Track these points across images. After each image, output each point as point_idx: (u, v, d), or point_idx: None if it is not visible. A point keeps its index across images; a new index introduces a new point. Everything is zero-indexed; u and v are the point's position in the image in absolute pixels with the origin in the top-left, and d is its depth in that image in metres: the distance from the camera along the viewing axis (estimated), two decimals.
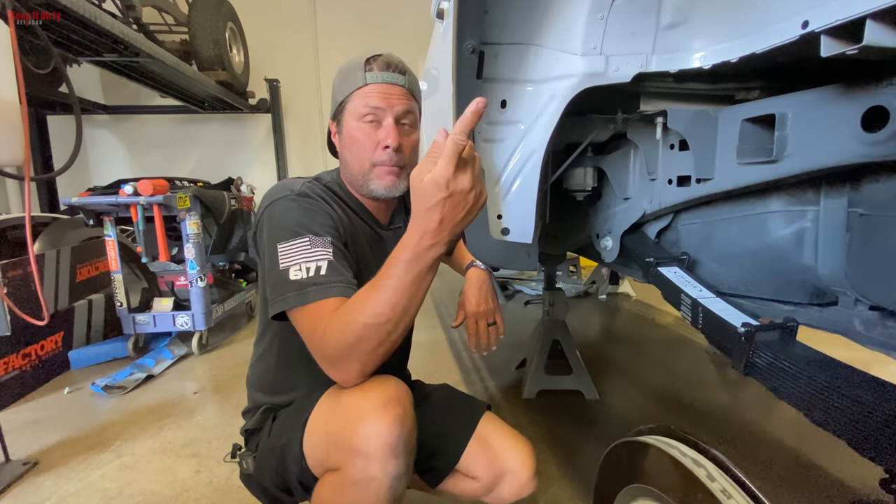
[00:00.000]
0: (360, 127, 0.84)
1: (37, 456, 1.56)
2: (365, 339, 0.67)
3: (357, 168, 0.86)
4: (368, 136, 0.83)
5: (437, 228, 0.63)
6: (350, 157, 0.87)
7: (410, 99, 0.86)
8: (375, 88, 0.82)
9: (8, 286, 1.85)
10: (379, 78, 0.82)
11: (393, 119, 0.83)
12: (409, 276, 0.65)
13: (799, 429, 1.60)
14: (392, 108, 0.83)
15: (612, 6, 0.73)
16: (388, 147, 0.82)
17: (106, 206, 2.17)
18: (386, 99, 0.82)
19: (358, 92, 0.83)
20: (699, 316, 0.78)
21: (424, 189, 0.61)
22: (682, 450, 0.59)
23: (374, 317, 0.66)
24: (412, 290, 0.66)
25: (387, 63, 0.84)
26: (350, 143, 0.86)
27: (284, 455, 0.81)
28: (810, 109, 0.67)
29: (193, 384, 2.13)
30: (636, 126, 0.99)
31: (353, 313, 0.68)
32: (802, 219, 0.81)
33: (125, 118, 5.12)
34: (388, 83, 0.83)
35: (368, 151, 0.84)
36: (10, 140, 1.20)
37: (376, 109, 0.82)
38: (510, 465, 0.89)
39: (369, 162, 0.84)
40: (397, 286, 0.66)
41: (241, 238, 3.33)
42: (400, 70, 0.85)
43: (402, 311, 0.67)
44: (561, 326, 1.93)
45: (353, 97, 0.84)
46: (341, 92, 0.86)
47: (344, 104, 0.86)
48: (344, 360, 0.70)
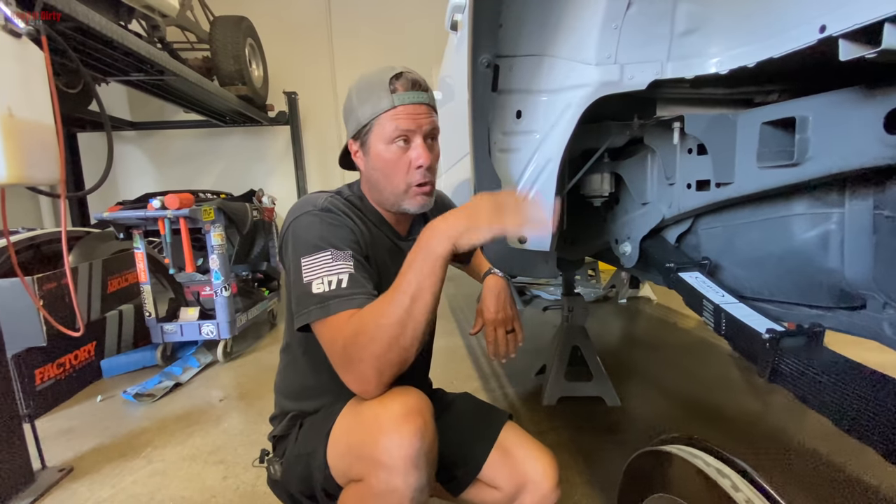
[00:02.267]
0: (390, 150, 0.84)
1: (72, 462, 1.61)
2: (377, 340, 0.69)
3: (390, 189, 0.87)
4: (401, 159, 0.84)
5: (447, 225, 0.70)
6: (381, 178, 0.87)
7: (433, 114, 0.87)
8: (404, 111, 0.82)
9: (43, 298, 1.93)
10: (406, 99, 0.82)
11: (422, 139, 0.84)
12: (414, 275, 0.70)
13: (826, 436, 1.55)
14: (421, 128, 0.84)
15: (626, 15, 0.74)
16: (422, 167, 0.84)
17: (135, 220, 2.25)
18: (415, 120, 0.83)
19: (385, 115, 0.83)
20: (722, 322, 0.78)
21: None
22: (707, 460, 0.59)
23: (383, 316, 0.69)
24: (418, 290, 0.70)
25: (411, 82, 0.83)
26: (381, 166, 0.86)
27: (309, 463, 0.83)
28: (831, 112, 0.67)
29: (219, 392, 2.18)
30: (653, 131, 0.99)
31: (365, 316, 0.71)
32: (827, 221, 0.79)
33: (150, 133, 5.30)
34: (416, 103, 0.83)
35: (402, 173, 0.85)
36: (47, 160, 1.26)
37: (407, 132, 0.83)
38: (532, 476, 0.89)
39: (404, 184, 0.86)
40: (402, 286, 0.70)
41: (262, 247, 3.40)
42: (423, 88, 0.85)
43: (407, 309, 0.69)
44: (581, 332, 1.92)
45: (381, 120, 0.83)
46: (365, 114, 0.85)
47: (370, 126, 0.85)
48: (360, 366, 0.71)
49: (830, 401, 0.62)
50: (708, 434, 1.66)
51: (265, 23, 4.61)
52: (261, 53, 4.53)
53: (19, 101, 1.20)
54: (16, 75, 1.21)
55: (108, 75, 2.98)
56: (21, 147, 1.17)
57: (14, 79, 1.20)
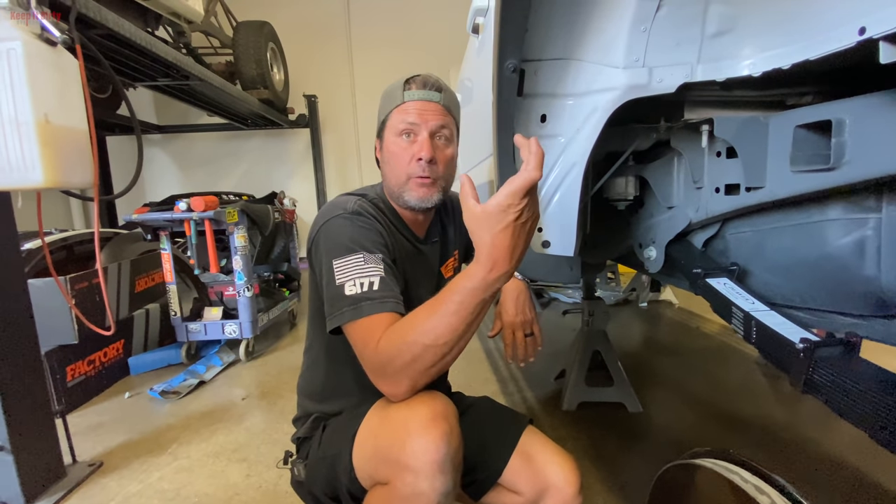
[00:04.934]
0: (397, 142, 0.89)
1: (101, 457, 1.66)
2: (421, 359, 0.70)
3: (394, 180, 0.91)
4: (405, 150, 0.88)
5: (508, 256, 0.65)
6: (388, 170, 0.92)
7: (446, 115, 0.90)
8: (412, 105, 0.87)
9: (75, 297, 2.00)
10: (416, 95, 0.88)
11: (428, 133, 0.87)
12: (472, 302, 0.68)
13: (860, 447, 1.50)
14: (427, 123, 0.87)
15: (656, 18, 0.73)
16: (422, 159, 0.86)
17: (162, 222, 2.31)
18: (421, 115, 0.87)
19: (396, 109, 0.89)
20: (752, 330, 0.76)
21: (490, 214, 0.64)
22: (743, 475, 0.57)
23: (433, 339, 0.68)
24: (473, 317, 0.69)
25: (424, 82, 0.89)
26: (388, 158, 0.91)
27: (334, 465, 0.83)
28: (870, 115, 0.65)
29: (241, 390, 2.22)
30: (680, 134, 0.97)
31: (411, 333, 0.70)
32: (863, 227, 0.77)
33: (175, 137, 5.43)
34: (424, 100, 0.88)
35: (404, 164, 0.88)
36: (81, 164, 1.30)
37: (412, 125, 0.87)
38: (554, 481, 0.88)
39: (405, 174, 0.89)
40: (460, 312, 0.68)
41: (282, 248, 3.45)
42: (436, 88, 0.89)
43: (460, 335, 0.69)
44: (601, 336, 1.90)
45: (393, 115, 0.90)
46: (383, 111, 0.93)
47: (385, 122, 0.92)
48: (397, 376, 0.72)
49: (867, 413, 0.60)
50: (734, 444, 1.62)
51: (286, 27, 4.69)
52: (282, 57, 4.60)
53: (55, 108, 1.24)
54: (52, 83, 1.26)
55: (136, 81, 3.06)
56: (57, 152, 1.21)
57: (50, 86, 1.25)
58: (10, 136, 1.14)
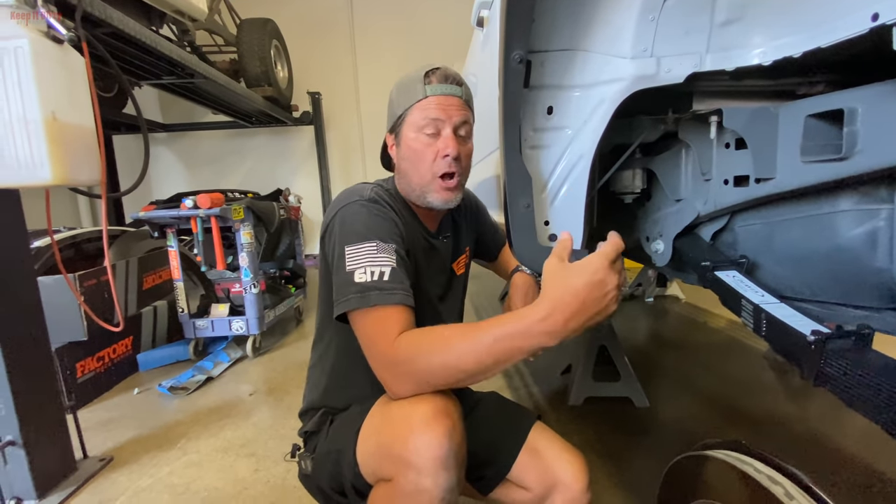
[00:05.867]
0: (419, 138, 0.86)
1: (111, 452, 1.68)
2: (435, 375, 0.70)
3: (416, 179, 0.89)
4: (428, 147, 0.86)
5: (570, 313, 0.63)
6: (410, 168, 0.89)
7: (467, 109, 0.88)
8: (435, 100, 0.85)
9: (84, 294, 2.01)
10: (438, 90, 0.85)
11: (451, 129, 0.86)
12: (509, 345, 0.66)
13: (870, 439, 1.49)
14: (451, 118, 0.85)
15: (664, 7, 0.72)
16: (448, 156, 0.85)
17: (169, 219, 2.32)
18: (445, 110, 0.85)
19: (418, 105, 0.86)
20: (762, 323, 0.75)
21: (577, 267, 0.64)
22: (757, 466, 0.57)
23: (455, 362, 0.68)
24: (504, 359, 0.67)
25: (445, 75, 0.86)
26: (410, 155, 0.88)
27: (339, 461, 0.84)
28: (883, 103, 0.63)
29: (248, 386, 2.23)
30: (688, 125, 0.96)
31: (437, 348, 0.70)
32: (875, 218, 0.76)
33: (180, 135, 5.46)
34: (447, 94, 0.85)
35: (428, 162, 0.86)
36: (89, 162, 1.31)
37: (436, 121, 0.85)
38: (562, 477, 0.88)
39: (430, 173, 0.87)
40: (493, 349, 0.66)
41: (288, 245, 3.47)
42: (457, 82, 0.87)
43: (482, 371, 0.68)
44: (608, 331, 1.89)
45: (413, 110, 0.86)
46: (400, 105, 0.88)
47: (403, 117, 0.88)
48: (405, 379, 0.72)
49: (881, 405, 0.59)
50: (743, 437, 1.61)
51: (289, 24, 4.69)
52: (285, 55, 4.60)
53: (62, 106, 1.25)
54: (59, 80, 1.26)
55: (141, 79, 3.08)
56: (65, 150, 1.21)
57: (57, 84, 1.25)
58: (18, 134, 1.15)
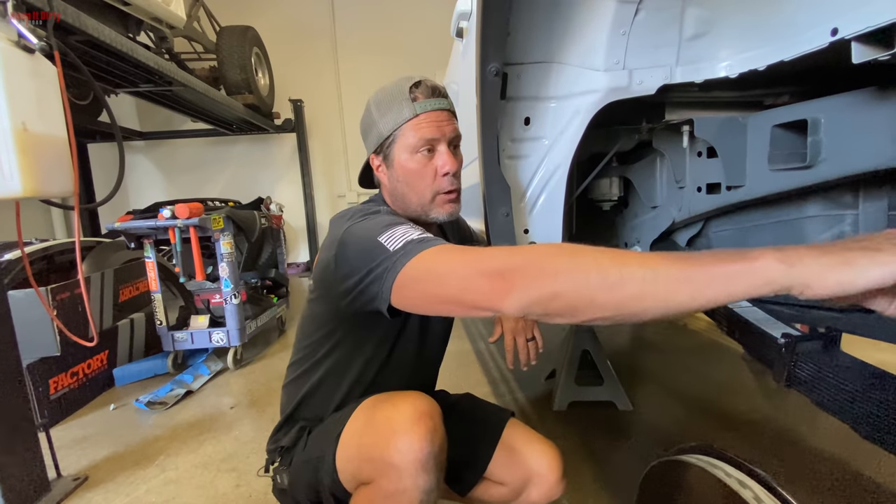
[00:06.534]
0: (415, 159, 0.82)
1: (86, 471, 1.62)
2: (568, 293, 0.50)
3: (416, 199, 0.85)
4: (426, 167, 0.82)
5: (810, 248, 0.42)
6: (406, 189, 0.85)
7: (455, 120, 0.85)
8: (425, 118, 0.81)
9: (57, 308, 1.95)
10: (428, 106, 0.81)
11: (446, 145, 0.83)
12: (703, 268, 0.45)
13: (845, 439, 1.53)
14: (445, 135, 0.82)
15: (634, 21, 0.74)
16: (448, 173, 0.82)
17: (146, 230, 2.28)
18: (439, 128, 0.81)
19: (408, 125, 0.81)
20: (736, 326, 0.77)
21: None
22: (727, 470, 0.58)
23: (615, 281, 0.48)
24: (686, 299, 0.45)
25: (430, 89, 0.82)
26: (406, 177, 0.84)
27: (318, 468, 0.83)
28: (844, 113, 0.66)
29: (230, 399, 2.19)
30: (662, 135, 0.99)
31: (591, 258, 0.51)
32: (841, 223, 0.79)
33: (159, 143, 5.36)
34: (437, 110, 0.81)
35: (428, 182, 0.83)
36: (61, 173, 1.28)
37: (431, 141, 0.81)
38: (537, 469, 0.90)
39: (430, 192, 0.83)
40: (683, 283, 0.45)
41: (270, 254, 3.42)
42: (443, 94, 0.84)
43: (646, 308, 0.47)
44: (590, 336, 1.91)
45: (404, 130, 0.81)
46: (386, 126, 0.83)
47: (392, 138, 0.83)
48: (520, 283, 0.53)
49: (848, 406, 0.61)
50: (721, 439, 1.64)
51: (270, 32, 4.67)
52: (266, 62, 4.57)
53: (33, 116, 1.22)
54: (29, 90, 1.23)
55: (117, 87, 3.02)
56: (36, 161, 1.18)
57: (28, 94, 1.22)
58: None
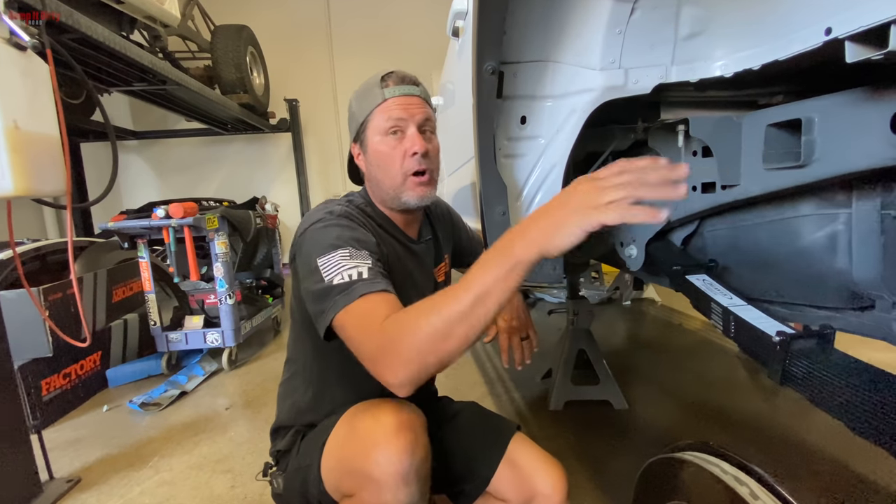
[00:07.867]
0: (385, 141, 0.85)
1: (79, 473, 1.61)
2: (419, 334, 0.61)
3: (388, 182, 0.87)
4: (395, 149, 0.85)
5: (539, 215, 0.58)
6: (379, 172, 0.88)
7: (427, 107, 0.88)
8: (394, 102, 0.84)
9: (49, 309, 1.94)
10: (396, 92, 0.84)
11: (416, 127, 0.85)
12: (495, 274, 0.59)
13: (840, 437, 1.54)
14: (413, 117, 0.85)
15: (630, 20, 0.74)
16: (416, 153, 0.84)
17: (139, 230, 2.26)
18: (406, 109, 0.84)
19: (378, 109, 0.85)
20: (731, 324, 0.77)
21: None
22: (724, 466, 0.58)
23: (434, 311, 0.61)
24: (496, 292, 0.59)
25: (401, 77, 0.86)
26: (378, 159, 0.87)
27: (306, 477, 0.82)
28: (838, 113, 0.67)
29: (225, 400, 2.18)
30: (657, 134, 0.99)
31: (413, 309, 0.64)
32: (834, 222, 0.79)
33: (153, 142, 5.33)
34: (406, 95, 0.85)
35: (397, 162, 0.85)
36: (53, 172, 1.27)
37: (399, 121, 0.84)
38: (541, 489, 0.87)
39: (401, 174, 0.85)
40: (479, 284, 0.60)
41: (265, 254, 3.41)
42: (414, 82, 0.88)
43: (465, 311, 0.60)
44: (586, 335, 1.91)
45: (374, 115, 0.86)
46: (361, 112, 0.88)
47: (365, 124, 0.87)
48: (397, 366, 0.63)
49: (843, 403, 0.61)
50: (718, 437, 1.65)
51: (266, 31, 4.65)
52: (262, 61, 4.56)
53: (25, 114, 1.21)
54: (21, 88, 1.22)
55: (111, 86, 3.00)
56: (27, 160, 1.17)
57: (20, 92, 1.21)
58: None
